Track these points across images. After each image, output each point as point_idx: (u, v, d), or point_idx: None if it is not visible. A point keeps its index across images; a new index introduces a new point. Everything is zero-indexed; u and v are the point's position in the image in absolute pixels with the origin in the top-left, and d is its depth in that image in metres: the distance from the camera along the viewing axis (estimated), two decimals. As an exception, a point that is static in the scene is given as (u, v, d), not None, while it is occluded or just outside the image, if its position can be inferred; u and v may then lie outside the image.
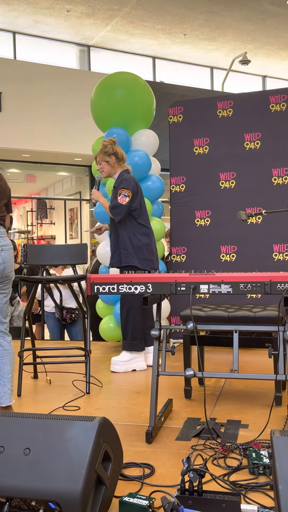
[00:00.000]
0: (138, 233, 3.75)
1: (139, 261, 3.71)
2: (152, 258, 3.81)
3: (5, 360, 2.67)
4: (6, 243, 2.63)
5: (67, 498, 1.51)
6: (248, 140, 4.46)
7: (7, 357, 2.67)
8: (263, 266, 4.19)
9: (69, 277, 3.52)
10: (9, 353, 2.69)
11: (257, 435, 2.32)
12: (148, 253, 3.77)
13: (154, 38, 11.24)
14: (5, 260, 2.60)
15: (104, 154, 3.79)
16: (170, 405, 2.83)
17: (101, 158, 3.81)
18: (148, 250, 3.77)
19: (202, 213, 4.58)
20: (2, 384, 2.65)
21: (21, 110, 9.52)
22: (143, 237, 3.76)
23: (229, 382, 3.37)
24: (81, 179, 12.04)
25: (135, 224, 3.76)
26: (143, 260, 3.73)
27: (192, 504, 1.68)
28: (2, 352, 2.67)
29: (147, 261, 3.75)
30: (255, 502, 1.75)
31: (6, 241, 2.65)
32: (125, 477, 1.99)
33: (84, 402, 3.04)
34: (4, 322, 2.70)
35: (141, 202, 3.81)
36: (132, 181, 3.74)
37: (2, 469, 1.59)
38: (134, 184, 3.74)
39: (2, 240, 2.61)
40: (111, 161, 3.79)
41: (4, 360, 2.66)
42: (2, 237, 2.63)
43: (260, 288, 2.29)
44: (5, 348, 2.68)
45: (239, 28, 10.75)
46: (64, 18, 10.11)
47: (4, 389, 2.65)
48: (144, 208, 3.86)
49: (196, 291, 2.34)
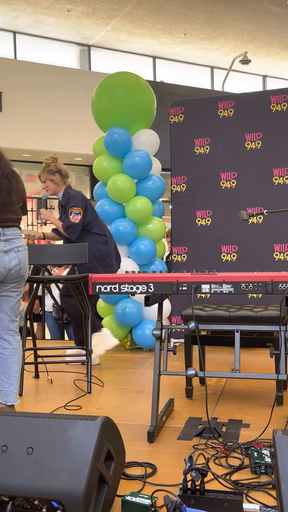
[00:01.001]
0: (96, 243, 3.88)
1: (103, 270, 3.87)
2: (113, 262, 4.00)
3: (14, 359, 2.69)
4: (22, 244, 2.68)
5: (70, 497, 1.51)
6: (249, 140, 4.47)
7: (15, 356, 2.69)
8: (263, 266, 4.20)
9: (70, 277, 3.53)
10: (18, 352, 2.71)
11: (259, 435, 2.32)
12: (110, 259, 3.95)
13: (155, 38, 11.24)
14: (21, 261, 2.64)
15: (48, 172, 3.85)
16: (171, 404, 2.84)
17: (45, 176, 3.87)
18: (109, 256, 3.94)
19: (203, 213, 4.58)
20: (9, 383, 2.67)
21: (21, 110, 9.52)
22: (102, 246, 3.91)
23: (230, 381, 3.38)
24: (82, 179, 12.04)
25: (92, 236, 3.89)
26: (107, 267, 3.91)
27: (195, 503, 1.68)
28: (11, 351, 2.69)
29: (110, 267, 3.94)
30: (257, 501, 1.75)
31: (22, 242, 2.69)
32: (127, 476, 1.99)
33: (86, 401, 3.04)
34: (15, 321, 2.72)
35: (92, 214, 3.92)
36: (79, 197, 3.84)
37: (5, 468, 1.60)
38: (82, 199, 3.85)
39: (18, 242, 2.66)
40: (55, 179, 3.85)
41: (12, 359, 2.68)
42: (18, 238, 2.67)
43: (262, 288, 2.30)
44: (15, 347, 2.70)
45: (239, 28, 10.75)
46: (64, 17, 10.12)
47: (10, 387, 2.67)
48: (97, 217, 3.97)
49: (198, 291, 2.35)
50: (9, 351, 2.69)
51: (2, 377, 2.68)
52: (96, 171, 4.62)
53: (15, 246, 2.62)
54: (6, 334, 2.69)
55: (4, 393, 2.66)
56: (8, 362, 2.67)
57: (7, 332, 2.69)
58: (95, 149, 4.75)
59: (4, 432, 1.67)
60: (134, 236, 4.48)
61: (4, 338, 2.69)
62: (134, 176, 4.46)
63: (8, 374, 2.67)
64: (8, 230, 2.60)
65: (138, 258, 4.47)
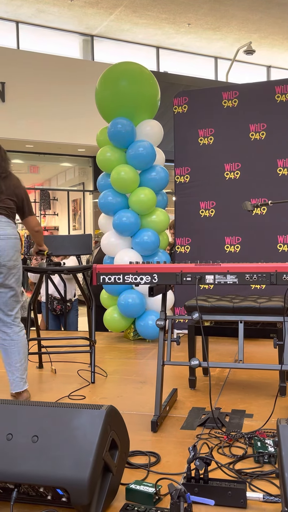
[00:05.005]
0: None
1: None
2: None
3: (13, 350, 2.79)
4: (5, 232, 2.70)
5: (75, 485, 1.53)
6: (253, 130, 4.44)
7: (14, 347, 2.79)
8: (267, 257, 4.20)
9: (74, 267, 3.53)
10: (17, 343, 2.81)
11: (262, 425, 2.33)
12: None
13: (158, 28, 11.15)
14: (1, 248, 2.68)
15: None
16: (175, 394, 2.85)
17: None
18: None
19: (207, 204, 4.57)
20: (11, 372, 2.80)
21: (24, 100, 9.48)
22: None
23: (233, 372, 3.38)
24: (85, 170, 12.02)
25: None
26: None
27: (198, 491, 1.70)
28: (9, 342, 2.80)
29: None
30: (261, 490, 1.77)
31: (6, 231, 2.71)
32: (131, 465, 2.01)
33: (89, 391, 3.06)
34: (9, 315, 2.81)
35: None
36: None
37: (10, 456, 1.61)
38: None
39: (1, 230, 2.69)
40: None
41: (12, 350, 2.79)
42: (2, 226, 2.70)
43: (266, 279, 2.30)
44: (12, 338, 2.80)
45: (243, 18, 10.66)
46: (67, 7, 10.04)
47: (13, 376, 2.80)
48: None
49: (202, 282, 2.35)
50: (8, 342, 2.80)
51: (7, 367, 2.83)
52: (100, 161, 4.61)
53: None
54: (4, 326, 2.81)
55: (10, 382, 2.82)
56: (8, 352, 2.80)
57: (4, 324, 2.80)
58: (98, 139, 4.73)
59: (9, 421, 1.68)
60: (138, 227, 4.47)
61: (2, 330, 2.81)
62: (138, 167, 4.45)
63: (9, 364, 2.80)
64: None
65: (141, 249, 4.46)
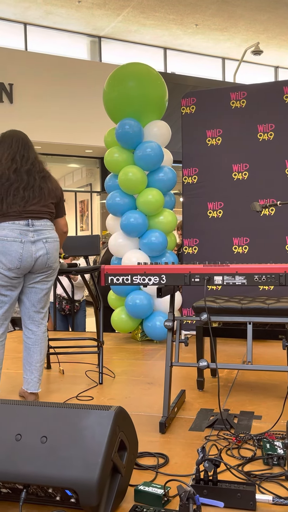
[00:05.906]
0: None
1: None
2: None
3: (36, 349, 2.77)
4: (51, 235, 2.75)
5: (84, 486, 1.52)
6: (261, 131, 4.43)
7: (37, 346, 2.77)
8: (275, 258, 4.18)
9: (82, 268, 3.53)
10: (41, 342, 2.78)
11: (271, 427, 2.32)
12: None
13: (166, 29, 11.16)
14: (49, 251, 2.71)
15: None
16: (183, 396, 2.84)
17: None
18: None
19: (215, 204, 4.56)
20: (31, 371, 2.77)
21: (32, 101, 9.52)
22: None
23: (241, 373, 3.37)
24: (92, 171, 12.04)
25: None
26: None
27: (207, 493, 1.69)
28: (35, 340, 2.77)
29: None
30: (270, 492, 1.75)
31: (52, 234, 2.76)
32: (140, 466, 2.00)
33: (97, 392, 3.06)
34: (41, 312, 2.80)
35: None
36: None
37: (19, 456, 1.61)
38: None
39: (47, 233, 2.73)
40: None
41: (35, 349, 2.77)
42: (48, 230, 2.74)
43: (275, 280, 2.29)
44: (37, 337, 2.78)
45: (251, 18, 10.64)
46: (75, 8, 10.07)
47: (31, 376, 2.77)
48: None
49: (210, 283, 2.34)
50: (32, 340, 2.77)
51: (26, 365, 2.79)
52: (108, 162, 4.61)
53: (44, 237, 2.70)
54: (31, 324, 2.77)
55: (26, 381, 2.78)
56: (31, 351, 2.77)
57: (33, 321, 2.77)
58: (106, 140, 4.74)
59: (18, 421, 1.68)
60: (145, 228, 4.47)
61: (29, 328, 2.78)
62: (146, 168, 4.45)
63: (30, 362, 2.77)
64: (38, 221, 2.68)
65: (149, 250, 4.46)
